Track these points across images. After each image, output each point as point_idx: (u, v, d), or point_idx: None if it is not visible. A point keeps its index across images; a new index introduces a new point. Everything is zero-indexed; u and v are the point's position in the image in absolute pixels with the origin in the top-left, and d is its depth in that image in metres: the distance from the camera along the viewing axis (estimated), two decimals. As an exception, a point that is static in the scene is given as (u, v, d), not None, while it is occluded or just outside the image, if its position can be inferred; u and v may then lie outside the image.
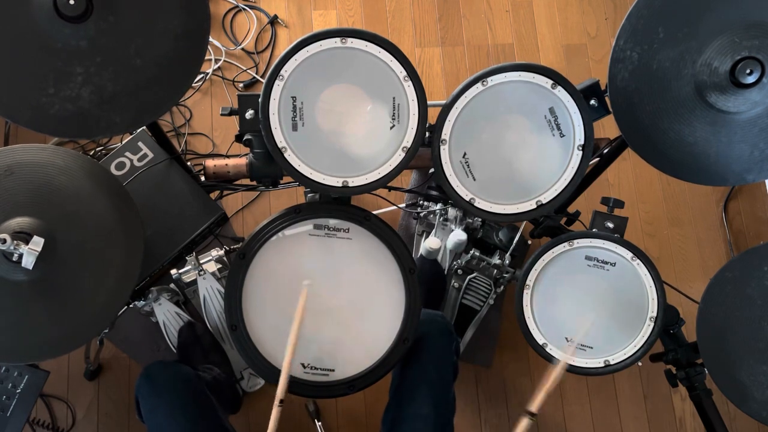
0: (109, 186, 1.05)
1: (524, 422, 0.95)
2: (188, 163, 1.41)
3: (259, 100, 1.01)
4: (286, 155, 1.03)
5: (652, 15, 0.99)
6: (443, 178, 1.07)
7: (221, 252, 1.63)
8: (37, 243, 0.92)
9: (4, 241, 0.89)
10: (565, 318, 1.15)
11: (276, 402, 0.95)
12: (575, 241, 1.15)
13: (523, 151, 1.08)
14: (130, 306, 1.53)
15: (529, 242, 1.76)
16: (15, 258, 0.93)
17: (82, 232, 1.00)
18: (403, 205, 1.78)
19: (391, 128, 1.04)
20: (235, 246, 1.69)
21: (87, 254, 1.00)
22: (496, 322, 1.74)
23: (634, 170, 1.94)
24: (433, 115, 1.04)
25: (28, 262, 0.92)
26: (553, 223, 1.36)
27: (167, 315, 1.59)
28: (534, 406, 0.95)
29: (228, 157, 1.55)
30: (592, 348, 1.15)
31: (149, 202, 1.26)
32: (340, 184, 1.05)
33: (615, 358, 1.15)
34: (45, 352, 1.01)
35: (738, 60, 0.97)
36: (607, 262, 1.15)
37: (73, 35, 0.91)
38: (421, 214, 1.69)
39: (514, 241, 1.61)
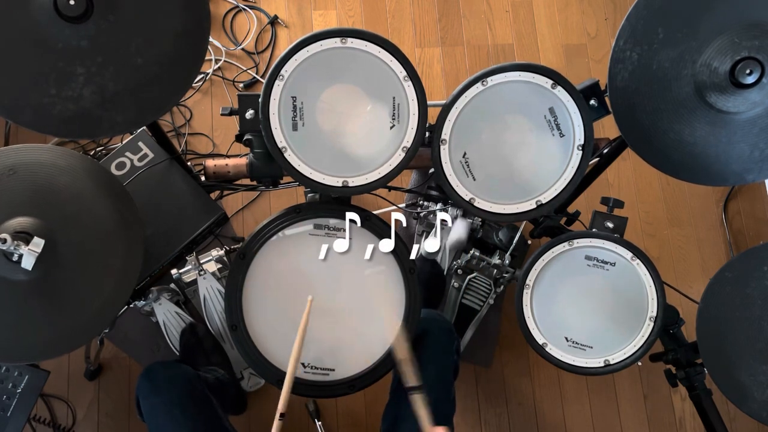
0: (109, 186, 1.05)
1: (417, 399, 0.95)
2: (188, 163, 1.41)
3: (260, 100, 1.02)
4: (286, 155, 1.03)
5: (651, 15, 0.99)
6: (443, 178, 1.07)
7: (221, 252, 1.63)
8: (37, 244, 0.92)
9: (5, 241, 0.88)
10: (565, 318, 1.16)
11: (277, 416, 0.95)
12: (575, 240, 1.15)
13: (523, 151, 1.08)
14: (131, 306, 1.53)
15: (529, 242, 1.76)
16: (15, 258, 0.93)
17: (83, 232, 1.00)
18: (403, 205, 1.78)
19: (391, 128, 1.04)
20: (235, 246, 1.69)
21: (87, 255, 1.00)
22: (496, 322, 1.74)
23: (634, 170, 1.94)
24: (433, 115, 1.04)
25: (27, 262, 0.92)
26: (552, 223, 1.36)
27: (167, 315, 1.59)
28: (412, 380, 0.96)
29: (228, 157, 1.55)
30: (592, 348, 1.15)
31: (149, 202, 1.26)
32: (340, 184, 1.05)
33: (615, 358, 1.15)
34: (44, 352, 1.01)
35: (738, 60, 0.97)
36: (606, 262, 1.15)
37: (74, 35, 0.91)
38: (421, 214, 1.69)
39: (514, 241, 1.61)
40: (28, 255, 0.91)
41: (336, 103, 1.03)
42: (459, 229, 1.57)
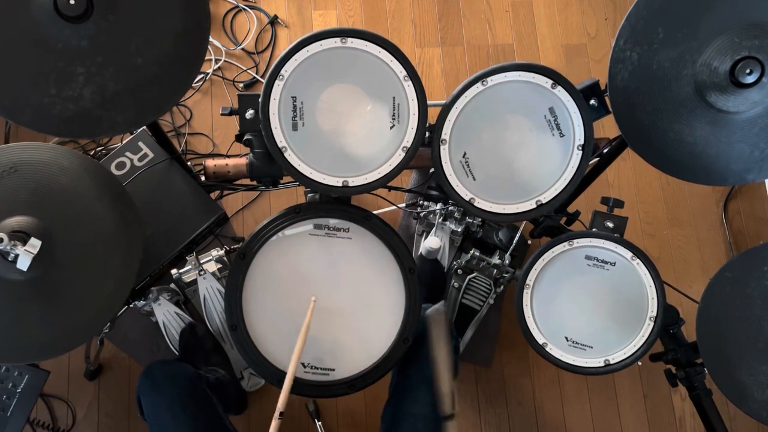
0: (110, 187, 1.05)
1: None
2: (188, 163, 1.41)
3: (260, 100, 1.02)
4: (286, 155, 1.03)
5: (651, 15, 0.99)
6: (443, 178, 1.07)
7: (221, 252, 1.63)
8: (34, 245, 0.91)
9: (1, 240, 0.88)
10: (565, 317, 1.16)
11: (276, 414, 0.95)
12: (575, 240, 1.15)
13: (523, 151, 1.08)
14: (130, 306, 1.53)
15: (529, 242, 1.76)
16: (11, 258, 0.93)
17: (82, 232, 1.00)
18: (403, 205, 1.78)
19: (391, 128, 1.04)
20: (235, 246, 1.69)
21: (86, 255, 0.99)
22: (496, 322, 1.74)
23: (634, 170, 1.94)
24: (433, 115, 1.04)
25: (23, 263, 0.91)
26: (552, 222, 1.36)
27: (167, 315, 1.59)
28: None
29: (228, 156, 1.55)
30: (592, 348, 1.15)
31: (149, 202, 1.26)
32: (340, 184, 1.05)
33: (615, 358, 1.15)
34: (43, 352, 1.01)
35: (738, 60, 0.97)
36: (607, 262, 1.15)
37: (74, 35, 0.91)
38: (421, 214, 1.69)
39: (514, 241, 1.61)
40: (24, 255, 0.91)
41: (336, 103, 1.03)
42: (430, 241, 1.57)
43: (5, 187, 0.98)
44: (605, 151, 1.32)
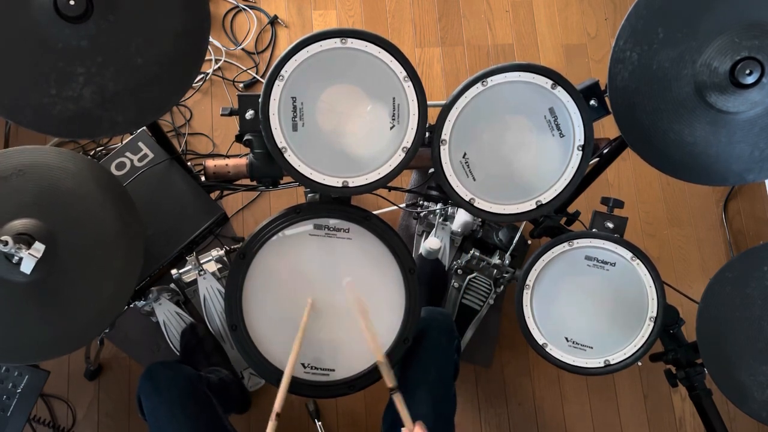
0: (112, 189, 1.05)
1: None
2: (188, 163, 1.41)
3: (259, 100, 1.02)
4: (286, 155, 1.03)
5: (651, 15, 0.99)
6: (443, 178, 1.07)
7: (221, 252, 1.63)
8: (38, 249, 0.92)
9: (6, 243, 0.88)
10: (565, 318, 1.16)
11: (272, 415, 0.95)
12: (575, 241, 1.15)
13: (523, 151, 1.08)
14: (131, 306, 1.53)
15: (529, 242, 1.76)
16: (15, 260, 0.93)
17: (84, 236, 1.00)
18: (403, 205, 1.78)
19: (391, 128, 1.04)
20: (235, 246, 1.69)
21: (88, 257, 1.00)
22: (496, 322, 1.74)
23: (634, 170, 1.94)
24: (433, 116, 1.04)
25: (27, 266, 0.92)
26: (552, 223, 1.36)
27: (167, 315, 1.59)
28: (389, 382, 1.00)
29: (228, 157, 1.55)
30: (592, 348, 1.15)
31: (149, 202, 1.26)
32: (340, 184, 1.05)
33: (615, 358, 1.15)
34: (44, 353, 1.01)
35: (738, 60, 0.97)
36: (607, 262, 1.15)
37: (74, 35, 0.91)
38: (421, 214, 1.69)
39: (514, 241, 1.61)
40: (28, 259, 0.91)
41: (336, 104, 1.03)
42: (463, 214, 1.58)
43: (12, 189, 0.99)
44: (605, 151, 1.32)
